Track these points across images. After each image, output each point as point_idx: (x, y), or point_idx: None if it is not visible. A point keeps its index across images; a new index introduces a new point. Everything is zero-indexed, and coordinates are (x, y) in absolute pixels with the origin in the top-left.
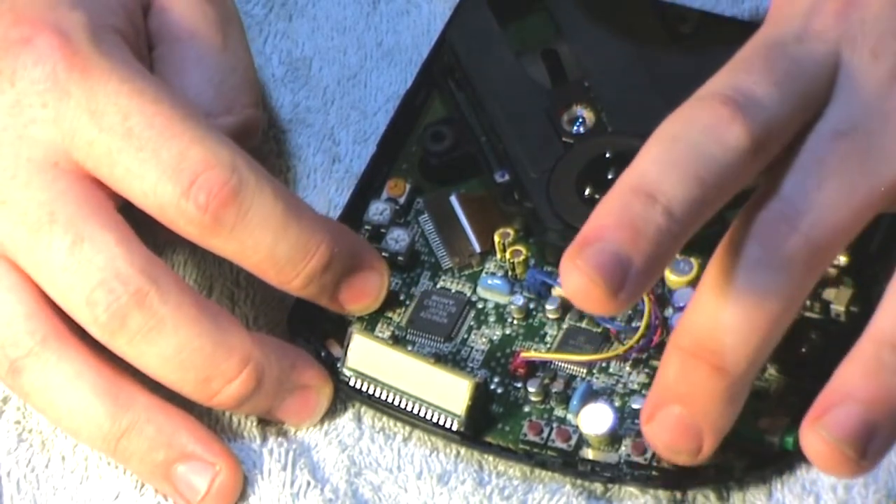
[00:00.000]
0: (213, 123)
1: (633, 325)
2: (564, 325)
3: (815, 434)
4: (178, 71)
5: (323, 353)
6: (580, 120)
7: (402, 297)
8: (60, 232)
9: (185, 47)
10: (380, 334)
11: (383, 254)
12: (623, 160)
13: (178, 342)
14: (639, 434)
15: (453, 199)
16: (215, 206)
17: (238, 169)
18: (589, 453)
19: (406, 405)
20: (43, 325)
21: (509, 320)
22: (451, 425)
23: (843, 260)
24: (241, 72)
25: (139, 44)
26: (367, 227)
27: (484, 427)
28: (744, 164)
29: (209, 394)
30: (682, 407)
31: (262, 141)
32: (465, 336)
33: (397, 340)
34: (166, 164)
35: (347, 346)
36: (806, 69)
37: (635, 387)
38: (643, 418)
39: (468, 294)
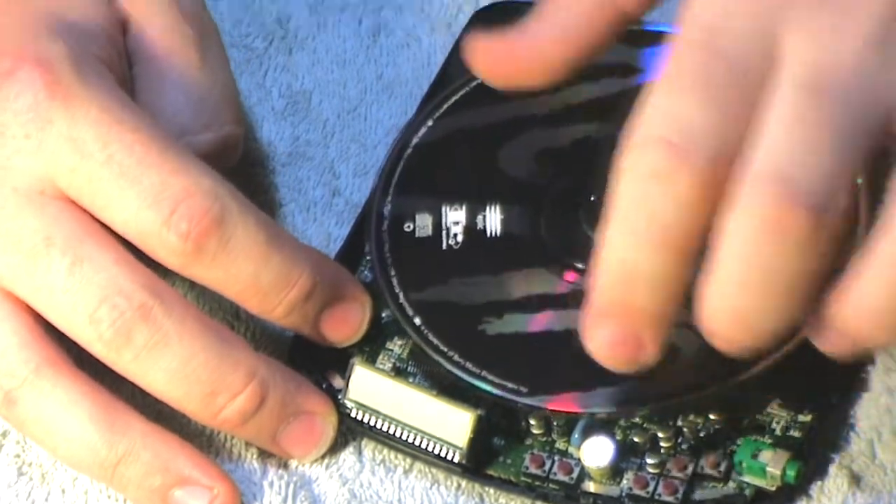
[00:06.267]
0: (194, 155)
1: None
2: None
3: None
4: (156, 89)
5: (324, 385)
6: None
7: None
8: (58, 255)
9: (163, 66)
10: (381, 366)
11: None
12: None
13: (184, 355)
14: (640, 467)
15: None
16: (197, 235)
17: (220, 197)
18: (591, 486)
19: (408, 437)
20: (36, 355)
21: None
22: (453, 457)
23: None
24: (219, 88)
25: (122, 66)
26: (367, 258)
27: (485, 459)
28: (703, 207)
29: (214, 410)
30: None
31: (261, 174)
32: None
33: (399, 372)
34: (147, 193)
35: (349, 377)
36: (741, 62)
37: (637, 420)
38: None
39: None
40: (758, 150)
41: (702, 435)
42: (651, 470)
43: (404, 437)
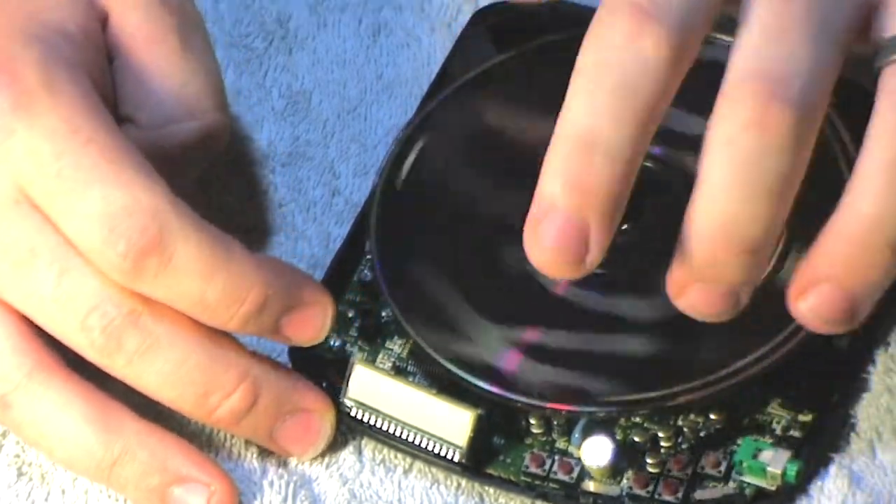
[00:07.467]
0: (147, 167)
1: None
2: None
3: (803, 313)
4: (137, 81)
5: (324, 384)
6: None
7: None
8: (45, 264)
9: (143, 56)
10: (381, 365)
11: None
12: None
13: (176, 358)
14: (640, 467)
15: None
16: (135, 254)
17: (160, 215)
18: (591, 486)
19: (408, 436)
20: (29, 358)
21: None
22: (453, 456)
23: None
24: (202, 77)
25: (102, 63)
26: (368, 258)
27: (485, 459)
28: (670, 74)
29: (208, 409)
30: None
31: (261, 174)
32: None
33: (399, 371)
34: (90, 210)
35: (349, 376)
36: None
37: (637, 419)
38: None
39: None
40: (736, 51)
41: (702, 435)
42: (651, 469)
43: (404, 437)
